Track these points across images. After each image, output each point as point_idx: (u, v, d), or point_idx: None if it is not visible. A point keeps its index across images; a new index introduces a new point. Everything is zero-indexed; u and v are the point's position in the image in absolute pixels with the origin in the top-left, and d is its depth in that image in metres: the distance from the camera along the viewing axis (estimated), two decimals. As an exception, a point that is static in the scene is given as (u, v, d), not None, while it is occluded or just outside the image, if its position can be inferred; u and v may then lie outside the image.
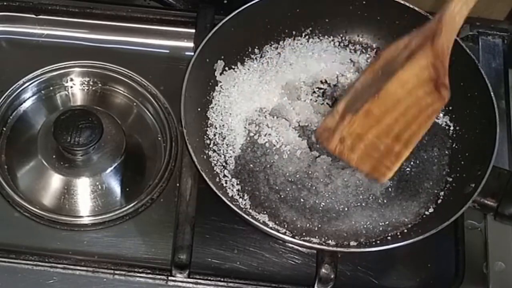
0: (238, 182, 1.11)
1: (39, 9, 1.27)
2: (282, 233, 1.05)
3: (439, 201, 1.10)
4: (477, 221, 1.14)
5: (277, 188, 1.10)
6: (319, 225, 1.08)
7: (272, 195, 1.09)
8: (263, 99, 1.16)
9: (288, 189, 1.10)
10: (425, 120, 0.98)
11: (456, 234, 1.13)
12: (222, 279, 1.08)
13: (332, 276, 1.02)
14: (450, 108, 1.16)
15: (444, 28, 0.95)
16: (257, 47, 1.20)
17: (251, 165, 1.11)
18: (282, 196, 1.09)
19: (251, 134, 1.14)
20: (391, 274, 1.12)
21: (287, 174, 1.10)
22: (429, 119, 0.99)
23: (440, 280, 1.12)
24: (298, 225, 1.08)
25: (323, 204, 1.09)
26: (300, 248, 1.12)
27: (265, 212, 1.09)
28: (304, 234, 1.07)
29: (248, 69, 1.18)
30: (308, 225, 1.08)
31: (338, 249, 1.05)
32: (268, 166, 1.11)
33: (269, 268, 1.11)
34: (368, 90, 0.99)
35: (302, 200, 1.09)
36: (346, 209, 1.09)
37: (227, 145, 1.13)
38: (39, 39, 1.26)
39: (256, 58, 1.20)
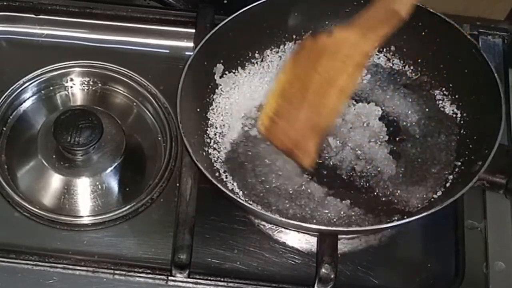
0: (231, 175, 1.11)
1: (39, 9, 1.27)
2: (284, 217, 1.05)
3: (448, 184, 1.10)
4: (477, 221, 1.13)
5: (264, 178, 1.11)
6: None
7: (258, 185, 1.10)
8: (263, 98, 1.16)
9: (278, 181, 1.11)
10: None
11: (456, 234, 1.13)
12: (222, 279, 1.08)
13: (332, 276, 1.02)
14: (457, 96, 1.16)
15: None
16: (257, 52, 1.19)
17: (242, 158, 1.12)
18: (271, 186, 1.10)
19: (246, 129, 1.14)
20: (391, 274, 1.12)
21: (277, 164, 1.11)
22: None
23: (440, 280, 1.11)
24: (298, 213, 1.08)
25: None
26: (300, 248, 1.12)
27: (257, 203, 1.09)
28: (306, 221, 1.07)
29: (249, 73, 1.19)
30: (302, 213, 1.08)
31: (339, 228, 1.05)
32: (256, 156, 1.12)
33: (269, 268, 1.11)
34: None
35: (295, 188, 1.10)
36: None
37: (227, 142, 1.14)
38: (39, 39, 1.26)
39: (256, 62, 1.20)
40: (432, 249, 1.12)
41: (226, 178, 1.11)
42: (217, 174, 1.10)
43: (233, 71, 1.18)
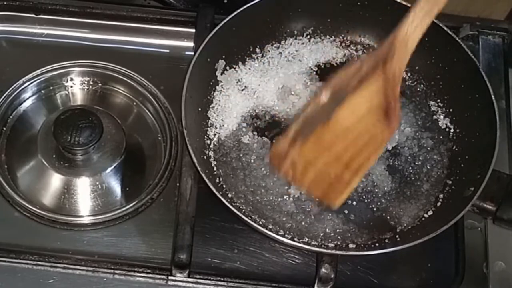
0: (223, 181, 1.11)
1: (39, 9, 1.27)
2: (281, 235, 1.05)
3: (439, 204, 1.10)
4: (477, 221, 1.14)
5: (253, 190, 1.10)
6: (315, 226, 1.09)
7: (250, 195, 1.10)
8: (264, 99, 1.16)
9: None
10: (375, 149, 0.97)
11: (456, 234, 1.13)
12: (222, 279, 1.08)
13: (332, 276, 1.02)
14: (451, 110, 1.16)
15: (396, 52, 0.92)
16: (258, 47, 1.20)
17: (234, 164, 1.12)
18: (263, 199, 1.10)
19: (240, 133, 1.14)
20: (391, 274, 1.12)
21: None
22: (379, 148, 0.97)
23: (440, 280, 1.12)
24: (294, 227, 1.08)
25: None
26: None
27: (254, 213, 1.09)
28: (303, 235, 1.07)
29: (249, 69, 1.19)
30: (298, 227, 1.08)
31: (338, 252, 1.05)
32: (247, 166, 1.12)
33: (269, 268, 1.11)
34: (318, 116, 0.96)
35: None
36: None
37: (223, 144, 1.14)
38: (39, 38, 1.26)
39: (257, 58, 1.20)
40: (432, 249, 1.12)
41: (225, 185, 1.11)
42: (217, 180, 1.10)
43: (234, 66, 1.18)
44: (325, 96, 0.97)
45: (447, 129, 1.16)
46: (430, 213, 1.10)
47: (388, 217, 1.10)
